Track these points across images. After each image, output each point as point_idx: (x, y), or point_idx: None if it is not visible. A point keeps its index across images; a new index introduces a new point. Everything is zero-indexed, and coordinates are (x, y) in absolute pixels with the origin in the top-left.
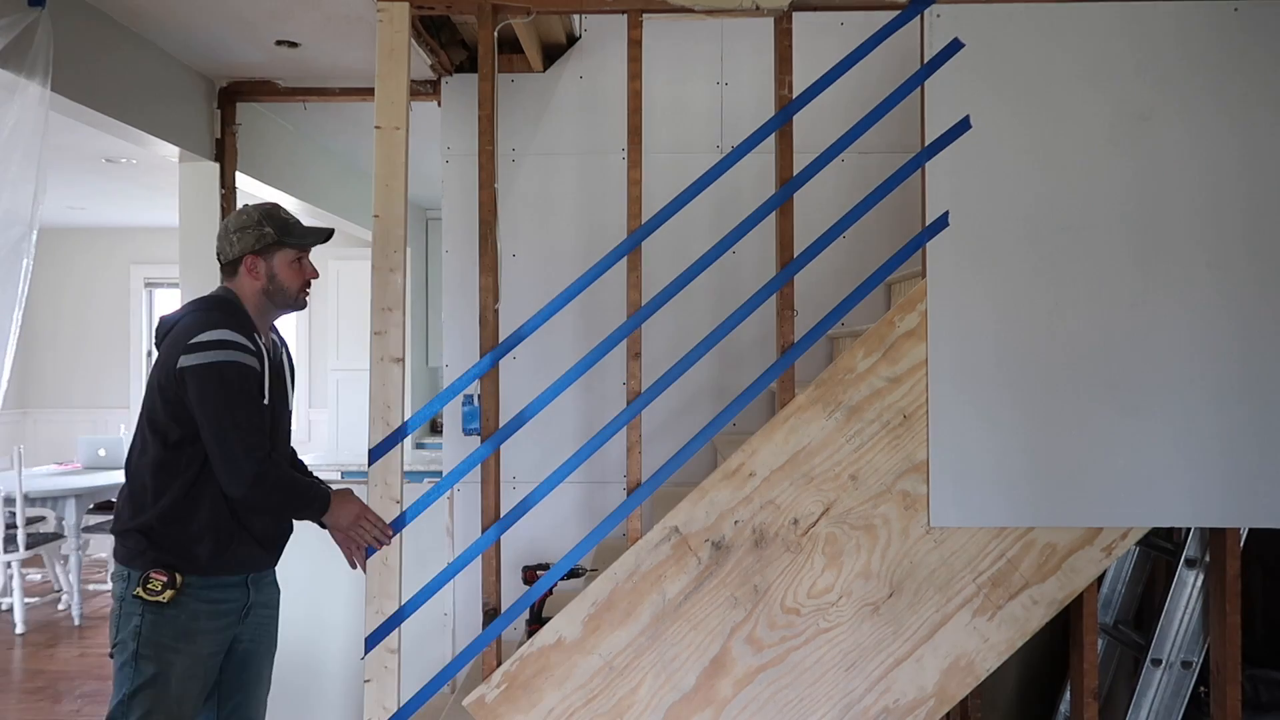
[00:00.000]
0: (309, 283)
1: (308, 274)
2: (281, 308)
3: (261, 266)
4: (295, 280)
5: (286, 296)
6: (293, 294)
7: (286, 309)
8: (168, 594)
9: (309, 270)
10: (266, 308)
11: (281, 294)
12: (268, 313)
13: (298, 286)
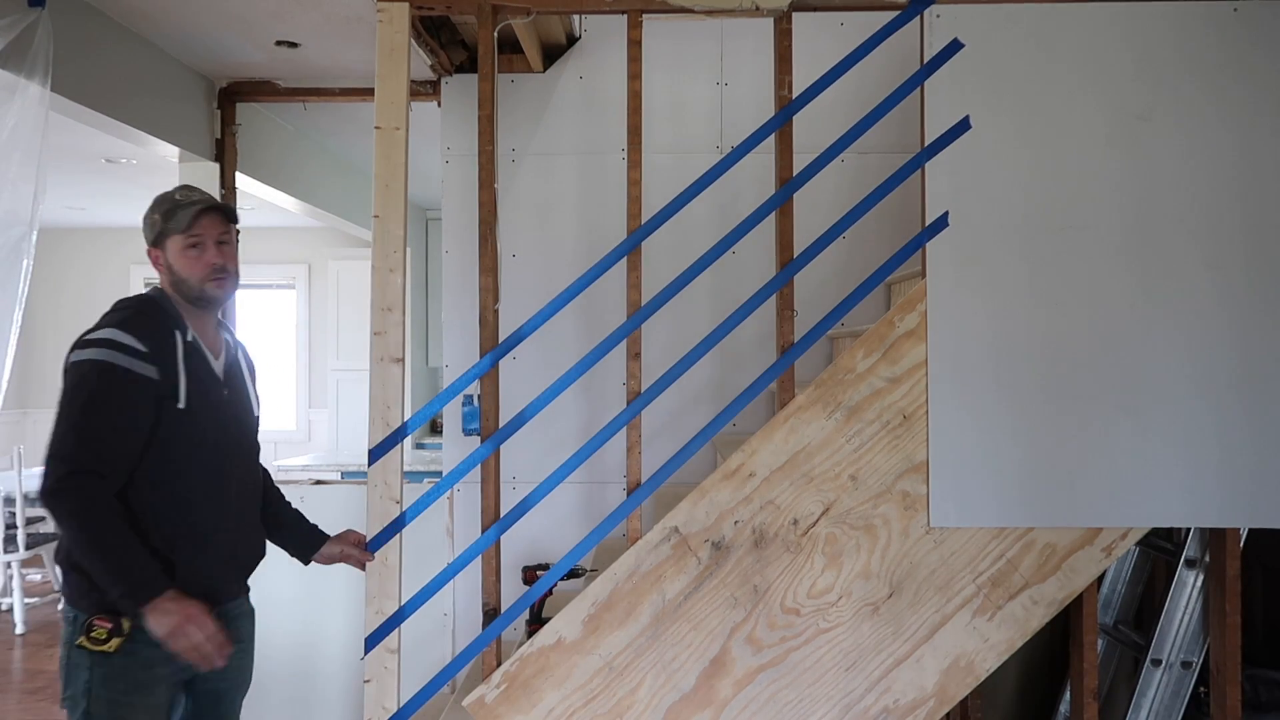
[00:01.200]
0: (222, 270)
1: (209, 261)
2: (194, 302)
3: (162, 259)
4: (193, 270)
5: (190, 289)
6: (195, 285)
7: (200, 304)
8: (114, 642)
9: (211, 257)
10: (185, 304)
11: (185, 286)
12: (193, 309)
13: (198, 277)
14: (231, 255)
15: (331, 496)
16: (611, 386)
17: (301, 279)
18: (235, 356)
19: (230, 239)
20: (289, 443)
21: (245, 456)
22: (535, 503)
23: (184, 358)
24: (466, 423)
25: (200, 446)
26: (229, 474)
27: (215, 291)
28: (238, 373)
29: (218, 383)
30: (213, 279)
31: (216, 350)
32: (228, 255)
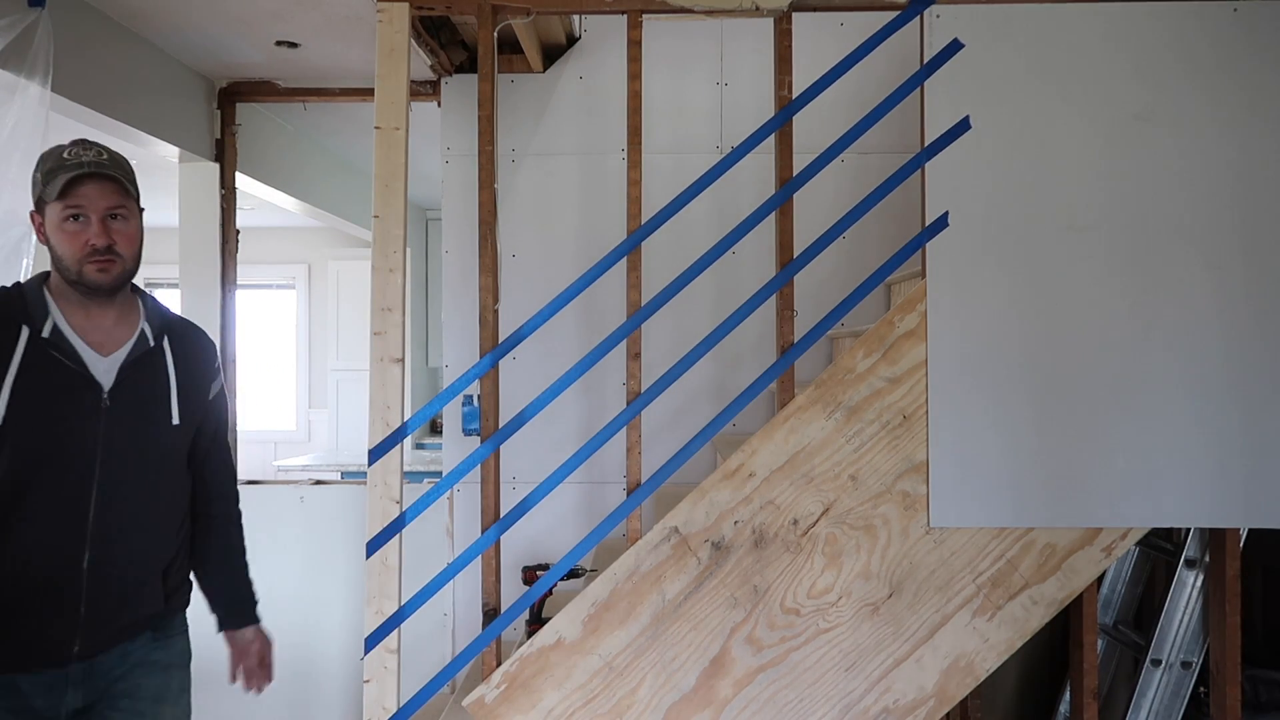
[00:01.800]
0: (106, 252)
1: (88, 239)
2: (75, 287)
3: (43, 228)
4: (68, 247)
5: (65, 270)
6: (70, 266)
7: (79, 289)
8: None
9: (92, 234)
10: (65, 288)
11: (60, 266)
12: (76, 296)
13: (74, 256)
14: (126, 235)
15: (331, 496)
16: (611, 386)
17: (301, 279)
18: (155, 358)
19: (128, 213)
20: (289, 443)
21: (139, 482)
22: (535, 503)
23: (23, 356)
24: (466, 423)
25: (42, 467)
26: (102, 504)
27: (96, 277)
28: (151, 377)
29: (91, 388)
30: (92, 260)
31: (108, 346)
32: (119, 234)
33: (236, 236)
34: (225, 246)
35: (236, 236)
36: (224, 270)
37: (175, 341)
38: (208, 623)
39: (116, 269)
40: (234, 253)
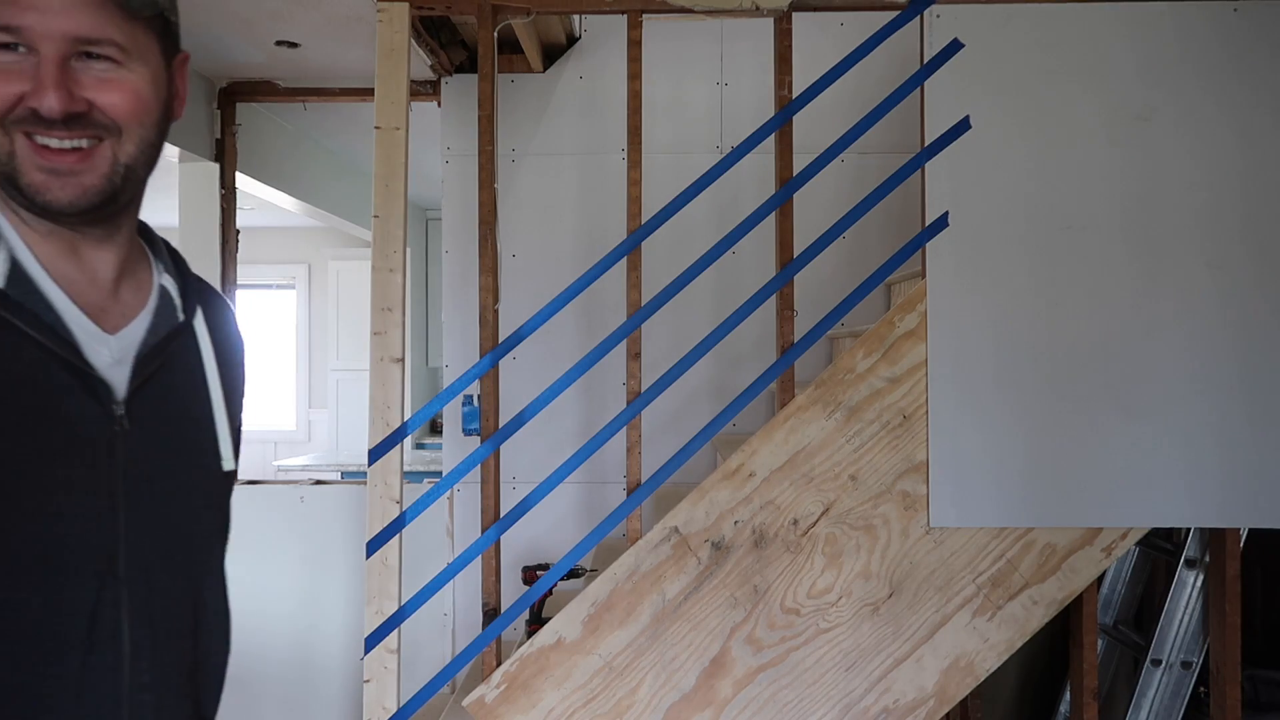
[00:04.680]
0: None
1: (26, 92)
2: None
3: None
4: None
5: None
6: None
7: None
8: None
9: (39, 80)
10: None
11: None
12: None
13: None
14: (120, 94)
15: (331, 496)
16: (611, 386)
17: (301, 279)
18: (186, 344)
19: (122, 54)
20: (289, 442)
21: (177, 588)
22: (535, 503)
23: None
24: (466, 423)
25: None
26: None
27: (41, 183)
28: (186, 379)
29: (93, 392)
30: (31, 141)
31: (112, 317)
32: (101, 90)
33: (236, 236)
34: (225, 246)
35: (236, 236)
36: (224, 270)
37: (212, 318)
38: None
39: (92, 172)
40: (234, 253)
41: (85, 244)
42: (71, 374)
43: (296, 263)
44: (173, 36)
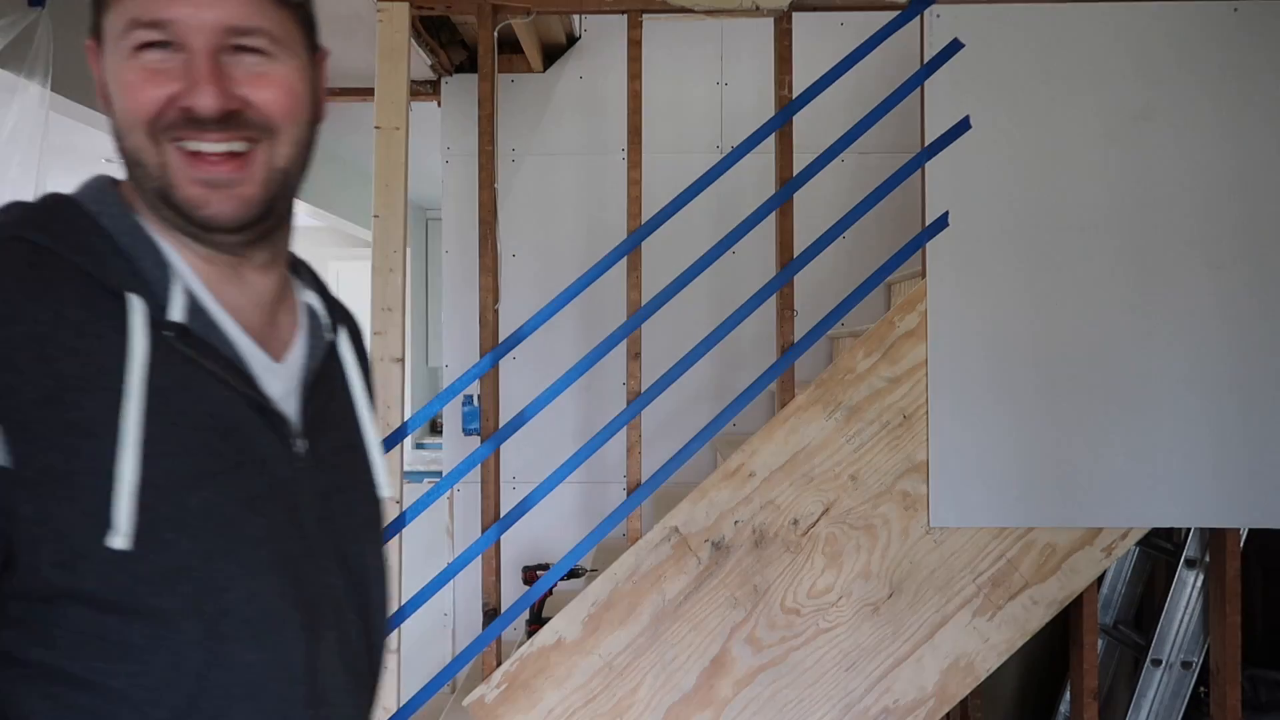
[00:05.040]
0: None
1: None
2: (171, 218)
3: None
4: (132, 103)
5: (143, 173)
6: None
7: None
8: None
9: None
10: (166, 215)
11: (134, 163)
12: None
13: (142, 126)
14: (274, 89)
15: None
16: (611, 386)
17: None
18: (333, 366)
19: (273, 47)
20: None
21: (358, 626)
22: (535, 503)
23: (147, 366)
24: (466, 423)
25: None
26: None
27: (199, 198)
28: (341, 403)
29: (274, 427)
30: (186, 148)
31: (275, 343)
32: (254, 86)
33: None
34: None
35: None
36: None
37: (351, 332)
38: None
39: (249, 181)
40: None
41: (247, 267)
42: (256, 411)
43: None
44: (315, 29)
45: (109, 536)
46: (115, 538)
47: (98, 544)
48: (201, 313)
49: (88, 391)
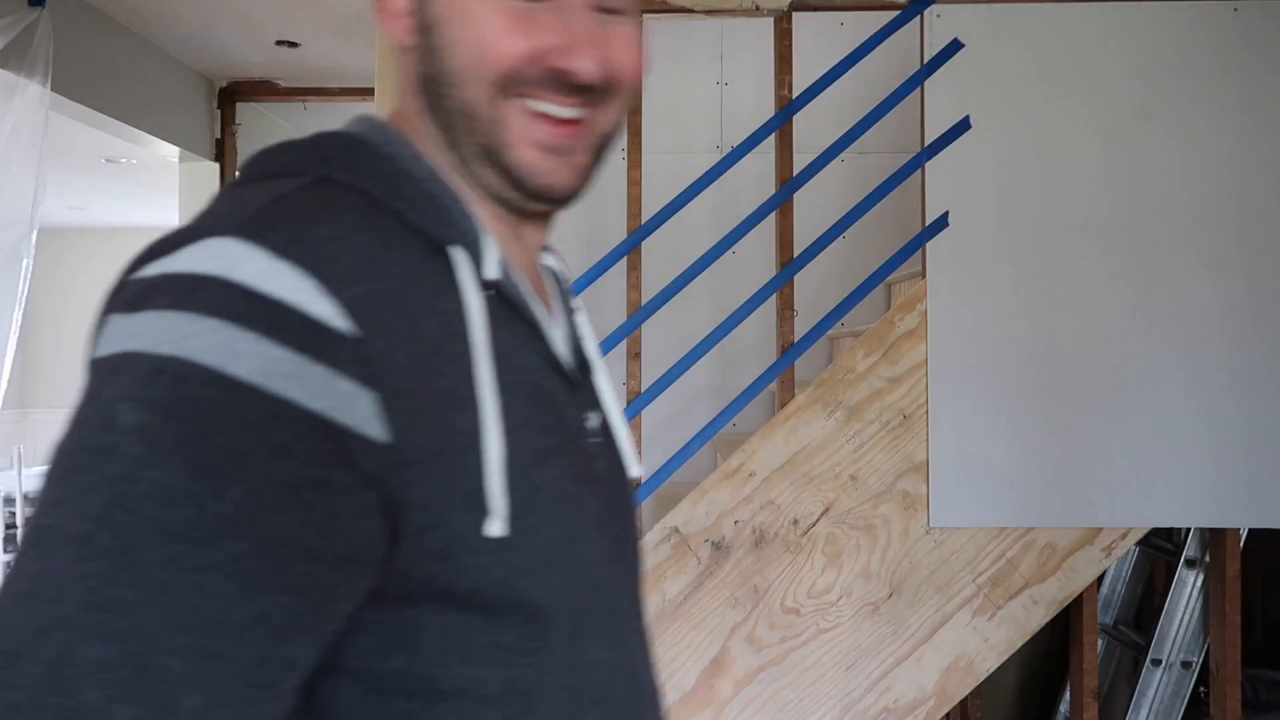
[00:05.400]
0: (587, 92)
1: (553, 47)
2: (480, 167)
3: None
4: (495, 51)
5: (468, 123)
6: (480, 113)
7: (498, 181)
8: None
9: (568, 35)
10: (473, 162)
11: (457, 112)
12: (477, 183)
13: (491, 80)
14: (632, 53)
15: None
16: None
17: None
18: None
19: (629, 5)
20: None
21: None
22: None
23: (490, 331)
24: None
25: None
26: (645, 663)
27: (544, 166)
28: (587, 370)
29: (574, 405)
30: (541, 112)
31: (547, 309)
32: (618, 48)
33: None
34: None
35: None
36: None
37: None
38: None
39: (583, 150)
40: None
41: (526, 227)
42: (561, 380)
43: None
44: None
45: (485, 523)
46: (492, 523)
47: (475, 532)
48: (508, 269)
49: (446, 357)
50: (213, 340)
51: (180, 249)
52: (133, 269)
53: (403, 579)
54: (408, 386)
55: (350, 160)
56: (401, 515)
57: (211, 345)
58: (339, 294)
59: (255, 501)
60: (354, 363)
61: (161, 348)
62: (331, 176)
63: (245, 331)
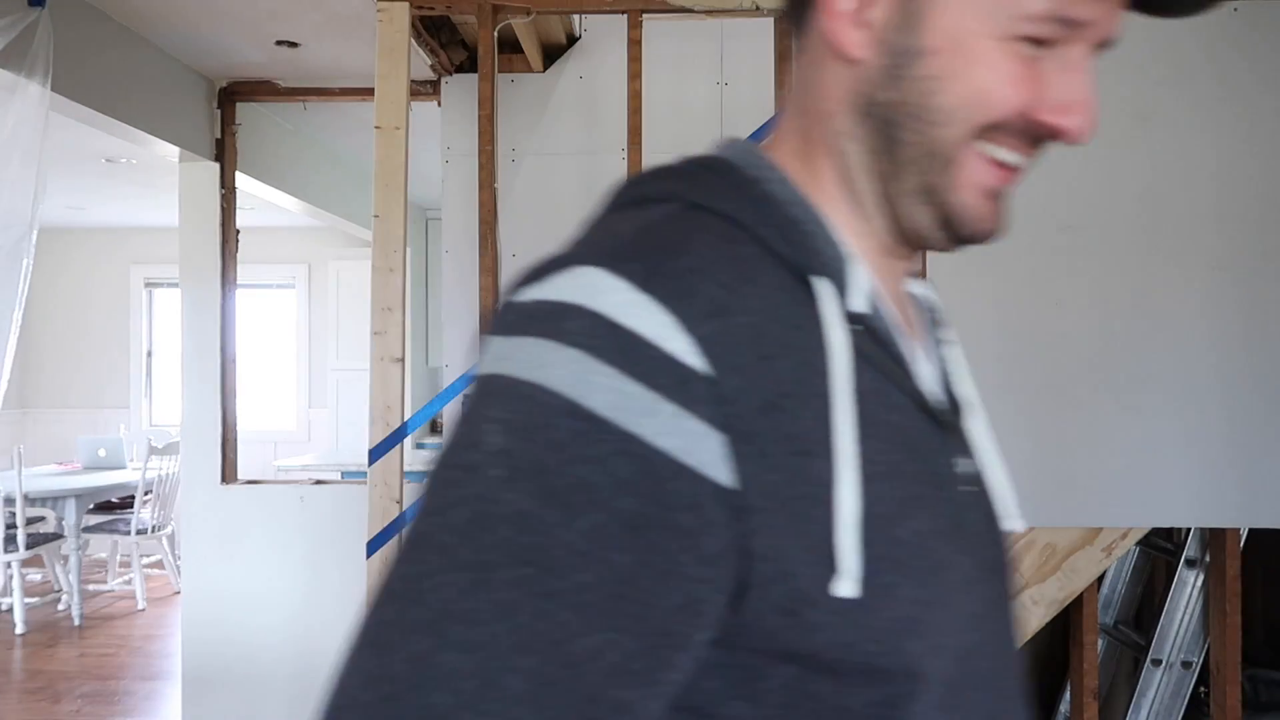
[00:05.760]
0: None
1: (1057, 104)
2: (915, 206)
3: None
4: (998, 97)
5: (921, 163)
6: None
7: (925, 220)
8: None
9: (1066, 89)
10: (888, 175)
11: (914, 147)
12: (897, 207)
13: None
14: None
15: (332, 496)
16: None
17: (301, 279)
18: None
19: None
20: (289, 442)
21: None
22: None
23: (854, 369)
24: None
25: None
26: None
27: (983, 216)
28: (959, 411)
29: (944, 453)
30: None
31: (921, 351)
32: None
33: (236, 236)
34: (225, 246)
35: (236, 236)
36: (224, 270)
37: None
38: (206, 623)
39: (1008, 195)
40: (234, 253)
41: (897, 254)
42: (929, 421)
43: (296, 263)
44: None
45: (834, 581)
46: (843, 583)
47: (822, 590)
48: (876, 302)
49: (801, 399)
50: (572, 371)
51: (552, 275)
52: (512, 291)
53: (745, 631)
54: (758, 429)
55: (718, 185)
56: (747, 565)
57: (570, 376)
58: (695, 330)
59: (600, 535)
60: (705, 402)
61: (527, 373)
62: (699, 203)
63: (602, 364)
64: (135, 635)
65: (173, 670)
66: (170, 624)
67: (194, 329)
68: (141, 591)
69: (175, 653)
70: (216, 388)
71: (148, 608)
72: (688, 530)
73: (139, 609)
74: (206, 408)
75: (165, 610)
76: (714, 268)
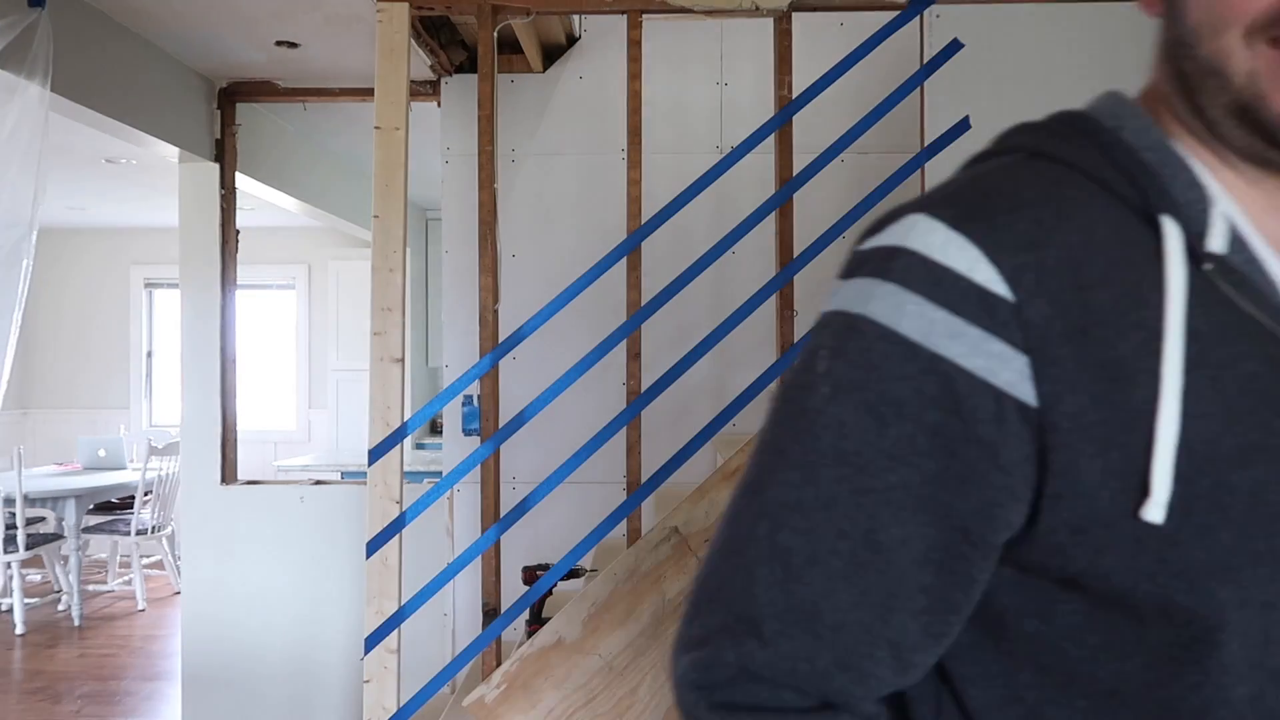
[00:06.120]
0: None
1: None
2: (1235, 125)
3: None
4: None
5: (1216, 80)
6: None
7: (1250, 136)
8: None
9: None
10: (1221, 122)
11: (1203, 69)
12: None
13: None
14: None
15: (331, 496)
16: (612, 386)
17: (301, 279)
18: None
19: None
20: (289, 443)
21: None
22: (535, 503)
23: (1185, 317)
24: (466, 423)
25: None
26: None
27: None
28: None
29: None
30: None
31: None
32: None
33: (236, 236)
34: (225, 246)
35: (236, 236)
36: (224, 270)
37: None
38: (206, 623)
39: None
40: (234, 253)
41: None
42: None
43: (296, 263)
44: None
45: (1143, 506)
46: (1151, 508)
47: (1124, 514)
48: (1242, 245)
49: (1119, 329)
50: (888, 302)
51: (888, 225)
52: (859, 241)
53: (1036, 548)
54: (1064, 353)
55: (1064, 134)
56: (1043, 478)
57: (886, 306)
58: (1002, 263)
59: (908, 443)
60: (1009, 326)
61: (853, 307)
62: (1040, 151)
63: (914, 295)
64: (135, 635)
65: (173, 670)
66: (170, 624)
67: (194, 329)
68: (141, 592)
69: (175, 653)
70: (216, 388)
71: (148, 608)
72: (987, 442)
73: (139, 609)
74: (206, 408)
75: (165, 610)
76: (1030, 207)
